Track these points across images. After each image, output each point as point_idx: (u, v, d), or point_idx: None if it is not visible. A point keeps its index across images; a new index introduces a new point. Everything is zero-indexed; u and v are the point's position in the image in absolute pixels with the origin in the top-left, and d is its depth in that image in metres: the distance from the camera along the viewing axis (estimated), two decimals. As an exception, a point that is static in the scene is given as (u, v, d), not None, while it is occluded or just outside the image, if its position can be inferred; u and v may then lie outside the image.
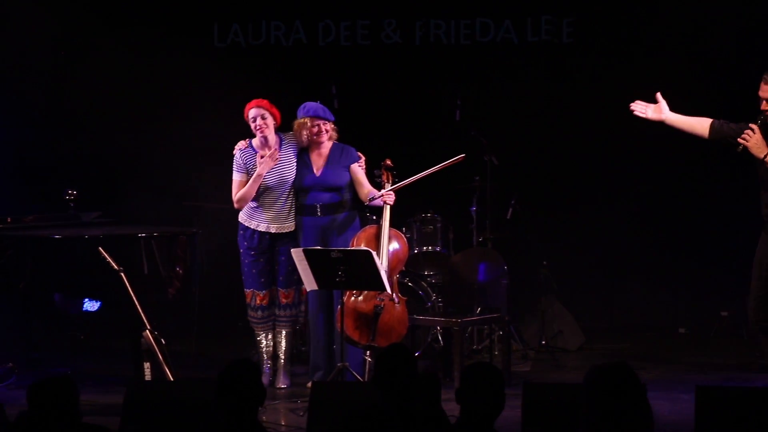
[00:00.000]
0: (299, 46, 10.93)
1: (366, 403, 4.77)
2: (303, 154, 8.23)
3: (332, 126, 8.23)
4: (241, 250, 8.30)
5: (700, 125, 7.18)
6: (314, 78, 10.51)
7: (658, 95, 7.27)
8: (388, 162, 8.20)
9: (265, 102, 8.18)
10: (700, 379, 8.35)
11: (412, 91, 10.63)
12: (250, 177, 8.11)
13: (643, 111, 7.31)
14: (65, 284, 8.24)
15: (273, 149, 8.12)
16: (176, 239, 8.49)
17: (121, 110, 10.72)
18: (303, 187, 8.20)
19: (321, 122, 8.15)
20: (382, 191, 8.06)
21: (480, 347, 9.32)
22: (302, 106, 8.24)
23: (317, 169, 8.18)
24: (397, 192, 8.10)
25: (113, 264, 7.55)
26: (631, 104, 7.36)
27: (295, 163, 8.19)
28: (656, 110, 7.28)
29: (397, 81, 10.71)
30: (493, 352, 8.91)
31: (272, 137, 8.15)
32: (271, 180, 8.13)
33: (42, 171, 10.73)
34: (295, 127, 8.22)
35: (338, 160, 8.19)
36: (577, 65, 10.56)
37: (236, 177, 8.19)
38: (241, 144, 8.23)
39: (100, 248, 7.63)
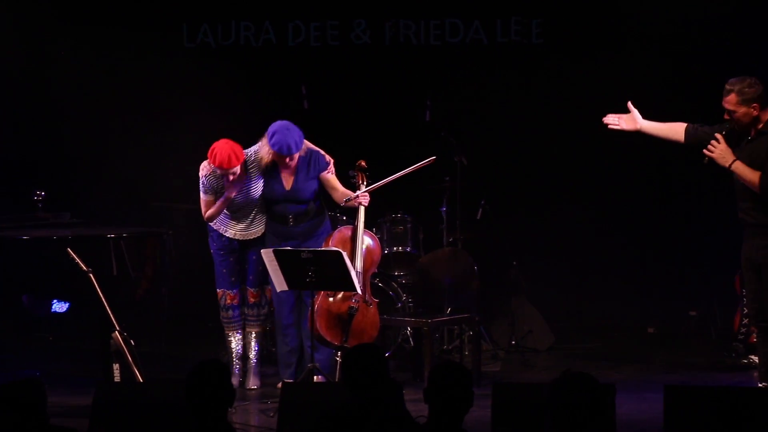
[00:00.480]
0: (269, 47, 10.92)
1: (336, 403, 4.77)
2: (272, 167, 8.05)
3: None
4: (212, 251, 8.28)
5: (674, 131, 7.16)
6: (284, 78, 10.50)
7: (630, 104, 7.26)
8: (362, 163, 8.18)
9: (233, 160, 7.82)
10: (668, 378, 8.38)
11: (381, 92, 10.64)
12: (218, 196, 8.03)
13: (617, 123, 7.28)
14: (33, 285, 8.20)
15: (240, 174, 7.99)
16: (145, 240, 8.46)
17: (89, 110, 10.67)
18: (273, 199, 8.13)
19: (288, 158, 8.01)
20: (357, 193, 8.05)
21: (450, 347, 9.32)
22: (272, 133, 7.93)
23: (287, 183, 8.09)
24: (369, 193, 8.10)
25: (82, 265, 7.51)
26: (604, 118, 7.32)
27: (261, 181, 8.10)
28: (630, 121, 7.25)
29: (366, 81, 10.71)
30: (463, 353, 8.92)
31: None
32: (239, 198, 8.07)
33: (9, 171, 10.66)
34: (262, 150, 8.01)
35: (307, 171, 8.08)
36: (546, 66, 10.59)
37: (204, 197, 8.07)
38: (206, 168, 8.02)
39: (68, 249, 7.59)
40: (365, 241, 8.07)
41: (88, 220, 9.36)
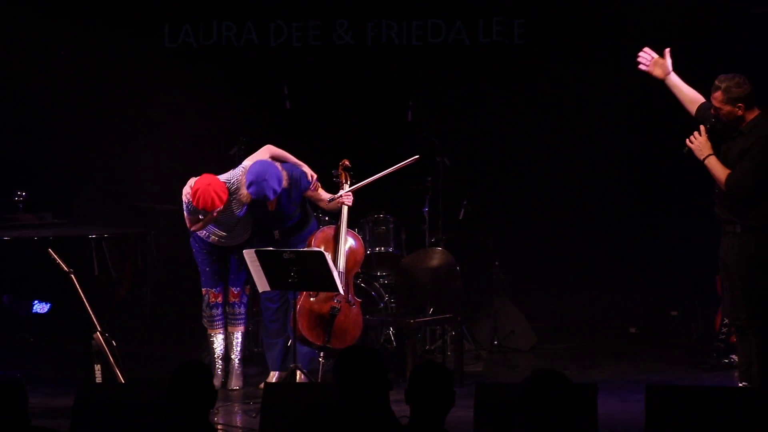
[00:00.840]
0: (251, 47, 10.90)
1: (318, 403, 4.76)
2: None
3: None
4: (194, 250, 8.26)
5: (691, 101, 7.14)
6: (266, 79, 10.49)
7: (667, 51, 7.23)
8: (346, 162, 8.18)
9: (216, 202, 7.78)
10: (650, 378, 8.40)
11: (364, 92, 10.63)
12: (201, 216, 8.01)
13: (648, 64, 7.25)
14: (14, 286, 8.17)
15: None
16: (127, 240, 8.44)
17: (71, 111, 10.63)
18: (258, 217, 8.11)
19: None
20: (341, 192, 8.04)
21: (433, 348, 9.33)
22: (249, 182, 7.74)
23: (271, 204, 8.06)
24: (352, 193, 8.09)
25: (63, 265, 7.49)
26: (641, 51, 7.26)
27: (245, 205, 8.07)
28: (662, 68, 7.21)
29: (349, 82, 10.70)
30: (445, 353, 8.92)
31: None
32: (222, 218, 8.04)
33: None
34: (242, 190, 7.89)
35: (289, 195, 8.02)
36: (528, 66, 10.61)
37: (188, 216, 8.04)
38: (188, 194, 7.93)
39: (50, 249, 7.57)
40: (348, 241, 8.06)
41: (70, 220, 9.32)
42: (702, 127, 6.94)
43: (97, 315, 7.45)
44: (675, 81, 7.19)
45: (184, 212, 8.04)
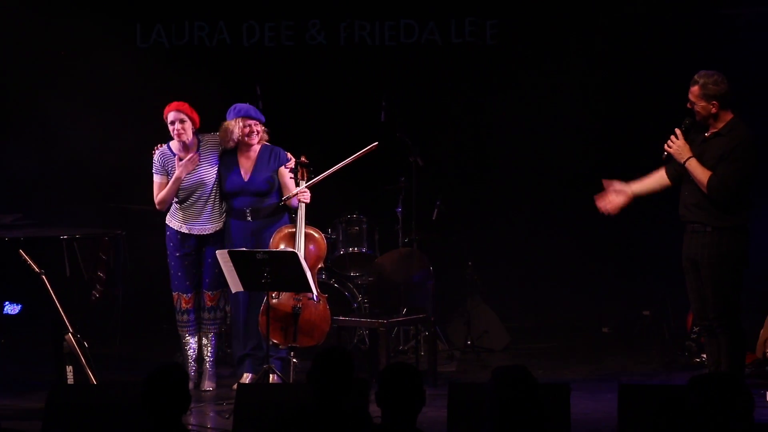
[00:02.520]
0: (223, 47, 10.88)
1: (291, 404, 4.76)
2: (231, 157, 8.13)
3: (263, 128, 8.16)
4: (168, 252, 8.22)
5: (661, 178, 7.18)
6: (238, 79, 10.46)
7: (604, 182, 7.30)
8: (303, 159, 8.12)
9: (184, 105, 8.05)
10: (623, 377, 8.43)
11: (337, 92, 10.63)
12: (170, 179, 8.03)
13: (610, 207, 7.32)
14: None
15: (192, 153, 8.03)
16: (99, 241, 8.40)
17: (42, 110, 10.58)
18: (230, 192, 8.11)
19: (252, 122, 8.06)
20: (297, 189, 8.00)
21: (406, 348, 9.33)
22: (232, 107, 8.11)
23: (245, 173, 8.08)
24: (322, 191, 8.06)
25: (34, 266, 7.45)
26: (600, 206, 7.34)
27: (216, 165, 8.10)
28: (619, 195, 7.28)
29: (321, 82, 10.70)
30: (419, 353, 8.92)
31: (191, 140, 8.07)
32: (189, 182, 8.05)
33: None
34: (224, 128, 8.10)
35: (267, 163, 8.09)
36: (500, 67, 10.63)
37: (156, 179, 8.10)
38: (157, 149, 8.11)
39: (20, 251, 7.52)
40: (306, 238, 7.99)
41: (41, 221, 9.27)
42: (677, 130, 6.94)
43: (68, 316, 7.41)
44: (638, 188, 7.27)
45: (154, 177, 8.08)
